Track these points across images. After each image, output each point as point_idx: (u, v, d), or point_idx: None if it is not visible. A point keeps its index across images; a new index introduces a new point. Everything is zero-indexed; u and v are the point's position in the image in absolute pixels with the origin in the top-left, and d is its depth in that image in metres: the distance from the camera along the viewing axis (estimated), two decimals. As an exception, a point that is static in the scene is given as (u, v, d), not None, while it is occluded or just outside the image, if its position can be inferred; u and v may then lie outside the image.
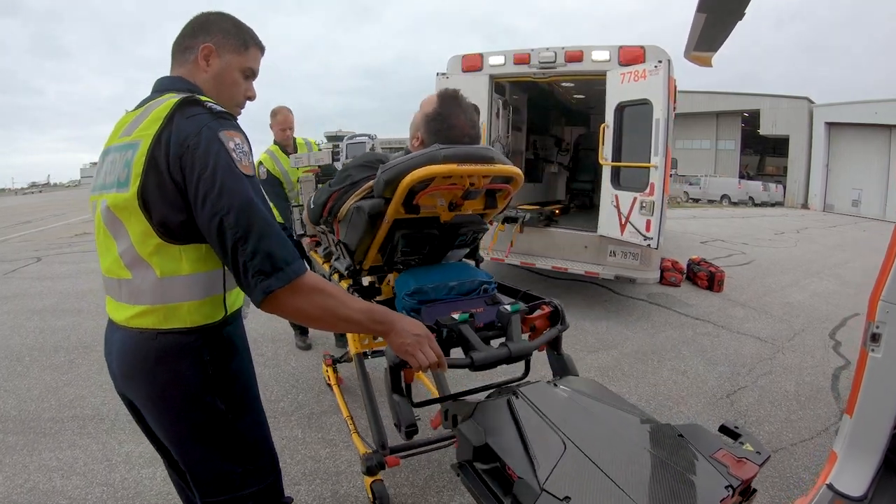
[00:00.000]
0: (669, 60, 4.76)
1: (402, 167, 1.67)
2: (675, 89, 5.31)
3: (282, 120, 4.30)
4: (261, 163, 4.18)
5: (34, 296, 6.34)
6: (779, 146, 33.38)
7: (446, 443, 2.42)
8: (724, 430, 1.42)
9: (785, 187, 29.86)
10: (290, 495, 1.61)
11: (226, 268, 1.29)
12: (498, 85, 6.12)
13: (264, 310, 1.22)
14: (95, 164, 1.47)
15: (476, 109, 4.99)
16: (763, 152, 37.12)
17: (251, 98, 1.51)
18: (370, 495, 2.33)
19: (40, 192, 68.70)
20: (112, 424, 3.26)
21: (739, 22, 4.69)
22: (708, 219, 17.99)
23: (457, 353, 1.66)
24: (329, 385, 3.62)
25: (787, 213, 24.04)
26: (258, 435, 1.44)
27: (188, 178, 1.16)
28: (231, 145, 1.19)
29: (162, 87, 1.37)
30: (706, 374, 4.13)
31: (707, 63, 5.40)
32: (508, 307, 1.74)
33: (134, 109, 1.33)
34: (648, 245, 4.87)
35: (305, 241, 3.71)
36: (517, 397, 1.51)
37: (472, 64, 5.89)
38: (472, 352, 1.58)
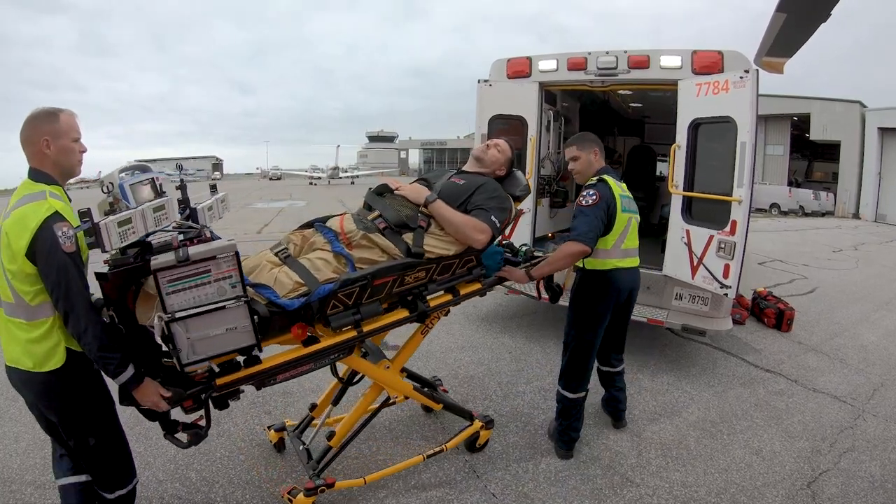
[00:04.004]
0: (757, 70, 3.98)
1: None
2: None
3: (70, 125, 2.13)
4: (62, 217, 2.02)
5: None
6: (827, 151, 31.67)
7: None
8: None
9: (835, 195, 28.28)
10: None
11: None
12: (548, 93, 5.38)
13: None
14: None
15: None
16: (811, 157, 35.29)
17: None
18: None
19: (88, 187, 70.23)
20: None
21: (823, 24, 3.87)
22: (761, 232, 16.94)
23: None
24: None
25: (839, 224, 22.69)
26: None
27: None
28: None
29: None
30: (783, 453, 3.52)
31: (779, 70, 4.58)
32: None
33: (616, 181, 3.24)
34: (725, 294, 4.09)
35: None
36: None
37: (518, 69, 5.15)
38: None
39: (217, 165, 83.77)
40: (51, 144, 2.09)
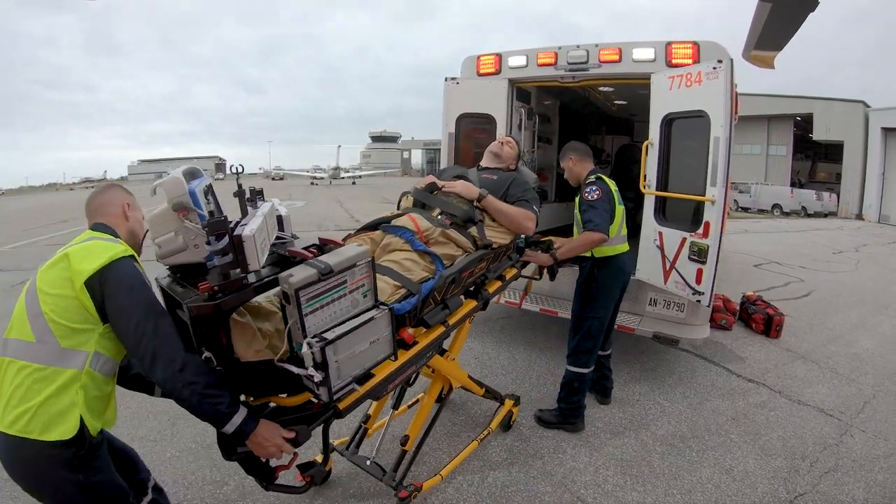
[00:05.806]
0: (732, 60, 3.74)
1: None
2: (737, 97, 4.26)
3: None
4: (139, 262, 1.84)
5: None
6: (831, 151, 31.32)
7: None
8: None
9: (838, 196, 27.92)
10: None
11: None
12: (521, 91, 5.15)
13: None
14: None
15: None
16: (815, 157, 34.92)
17: None
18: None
19: (93, 187, 70.64)
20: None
21: (811, 13, 3.64)
22: (760, 233, 16.77)
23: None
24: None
25: (842, 225, 22.34)
26: None
27: None
28: None
29: None
30: (757, 473, 3.26)
31: (769, 64, 4.33)
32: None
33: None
34: (698, 301, 3.85)
35: None
36: None
37: (488, 66, 4.94)
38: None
39: (220, 166, 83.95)
40: (130, 209, 1.96)
